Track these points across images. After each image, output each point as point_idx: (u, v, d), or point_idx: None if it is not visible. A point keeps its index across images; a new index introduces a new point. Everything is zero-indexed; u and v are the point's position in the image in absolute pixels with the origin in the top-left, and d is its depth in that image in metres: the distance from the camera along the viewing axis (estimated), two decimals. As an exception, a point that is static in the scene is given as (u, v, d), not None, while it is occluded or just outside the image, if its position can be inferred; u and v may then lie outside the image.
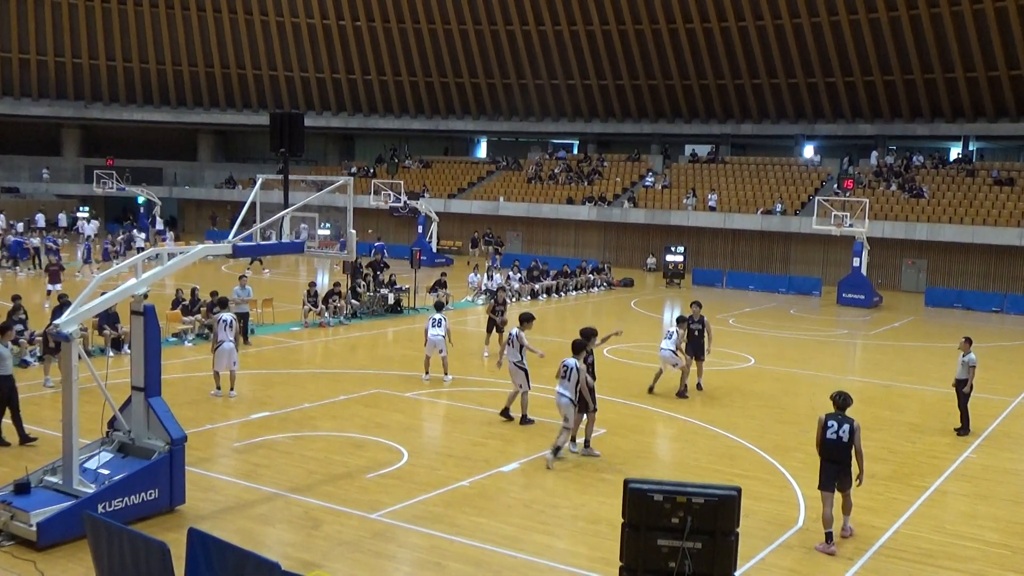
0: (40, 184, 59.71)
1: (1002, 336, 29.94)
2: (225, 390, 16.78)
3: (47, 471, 10.75)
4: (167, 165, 63.90)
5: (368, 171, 58.18)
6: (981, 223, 40.22)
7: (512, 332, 16.21)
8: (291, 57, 59.15)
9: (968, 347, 16.24)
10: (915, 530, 11.42)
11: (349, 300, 27.04)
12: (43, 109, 59.62)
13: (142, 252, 12.23)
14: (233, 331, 16.88)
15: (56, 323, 10.58)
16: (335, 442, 14.22)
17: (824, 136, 51.36)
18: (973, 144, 49.00)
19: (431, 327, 18.59)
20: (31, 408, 14.78)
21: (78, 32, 57.91)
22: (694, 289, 39.67)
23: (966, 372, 16.14)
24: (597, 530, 10.94)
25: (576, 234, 50.09)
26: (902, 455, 14.77)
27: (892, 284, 41.70)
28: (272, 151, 14.01)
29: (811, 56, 47.55)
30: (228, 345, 16.61)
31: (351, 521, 10.96)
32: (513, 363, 15.63)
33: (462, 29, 54.83)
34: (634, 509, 7.29)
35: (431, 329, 18.57)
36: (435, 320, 18.68)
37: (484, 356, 21.56)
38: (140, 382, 11.05)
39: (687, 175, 50.99)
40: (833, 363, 23.33)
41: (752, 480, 12.96)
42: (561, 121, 57.11)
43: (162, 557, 7.41)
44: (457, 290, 32.55)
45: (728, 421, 16.37)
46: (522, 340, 15.82)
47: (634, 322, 29.54)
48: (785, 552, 10.55)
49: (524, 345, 15.79)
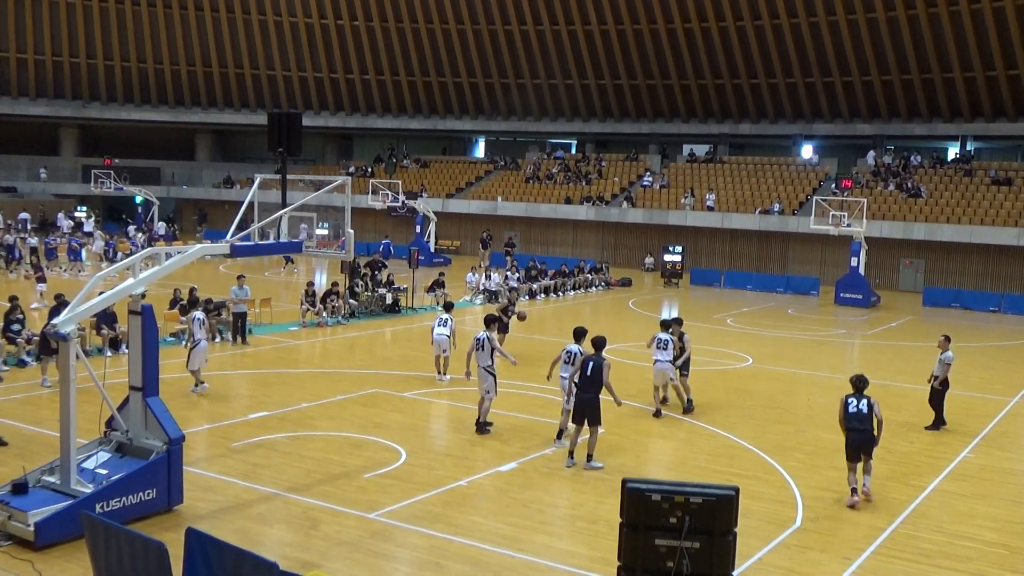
0: (38, 184, 59.64)
1: (1000, 336, 29.97)
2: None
3: (45, 471, 10.73)
4: (165, 165, 63.81)
5: (366, 171, 58.16)
6: (979, 223, 40.25)
7: (480, 335, 15.24)
8: (289, 57, 59.12)
9: (947, 345, 16.58)
10: (913, 530, 11.43)
11: (347, 300, 27.03)
12: (41, 109, 59.55)
13: (140, 252, 12.21)
14: (206, 328, 17.58)
15: (54, 323, 10.57)
16: (333, 442, 14.21)
17: (822, 136, 51.42)
18: (971, 144, 49.04)
19: (437, 326, 18.68)
20: (30, 408, 14.78)
21: (76, 31, 57.85)
22: (692, 289, 39.70)
23: (943, 369, 16.47)
24: (595, 530, 10.95)
25: (574, 234, 50.09)
26: (900, 455, 14.78)
27: (890, 284, 41.74)
28: (270, 151, 14.02)
29: (809, 56, 47.58)
30: (204, 344, 17.25)
31: (349, 521, 10.95)
32: (483, 367, 14.89)
33: (460, 29, 54.82)
34: (632, 509, 7.28)
35: (436, 328, 18.64)
36: (441, 320, 18.78)
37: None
38: (138, 382, 11.04)
39: (685, 175, 51.01)
40: (831, 363, 23.34)
41: (750, 480, 12.97)
42: (559, 121, 57.12)
43: (160, 557, 7.41)
44: (455, 290, 32.56)
45: (726, 421, 16.37)
46: (493, 343, 15.08)
47: (633, 322, 29.56)
48: (783, 552, 10.55)
49: (496, 348, 15.10)
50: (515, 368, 19.94)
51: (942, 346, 16.63)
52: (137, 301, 10.91)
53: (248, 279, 23.15)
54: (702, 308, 33.34)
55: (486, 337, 15.09)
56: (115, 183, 51.67)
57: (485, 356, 14.95)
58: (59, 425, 10.61)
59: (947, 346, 16.59)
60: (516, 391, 18.08)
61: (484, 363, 14.90)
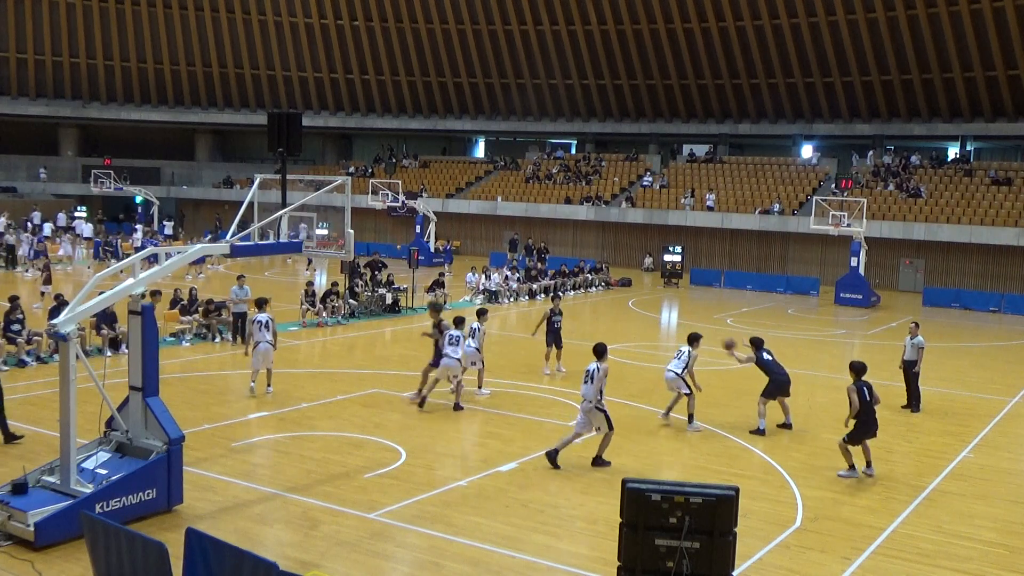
0: (37, 184, 59.62)
1: (999, 336, 29.97)
2: (261, 388, 16.99)
3: (45, 471, 10.73)
4: (165, 165, 63.80)
5: (366, 171, 58.16)
6: (979, 223, 40.26)
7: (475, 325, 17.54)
8: (289, 57, 59.12)
9: (916, 331, 17.88)
10: (913, 530, 11.43)
11: (347, 300, 27.03)
12: (40, 108, 59.54)
13: (139, 252, 12.21)
14: (271, 332, 16.99)
15: (53, 323, 10.57)
16: (333, 442, 14.21)
17: (822, 136, 51.43)
18: (970, 144, 49.08)
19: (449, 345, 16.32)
20: (29, 408, 14.77)
21: (76, 31, 57.85)
22: (692, 289, 39.71)
23: (915, 354, 17.64)
24: (595, 530, 10.94)
25: (574, 234, 50.09)
26: (900, 454, 14.78)
27: (890, 284, 41.75)
28: (270, 151, 14.02)
29: (809, 56, 47.60)
30: (264, 346, 16.78)
31: (349, 521, 10.95)
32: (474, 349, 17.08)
33: (460, 29, 54.83)
34: (632, 509, 7.29)
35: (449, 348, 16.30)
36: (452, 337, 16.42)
37: (545, 374, 19.88)
38: (138, 382, 11.04)
39: (685, 175, 51.02)
40: (831, 363, 23.32)
41: (750, 480, 12.97)
42: (559, 121, 57.12)
43: (160, 557, 7.41)
44: (455, 290, 32.57)
45: (725, 421, 16.37)
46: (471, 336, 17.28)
47: (632, 322, 29.57)
48: (783, 552, 10.55)
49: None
50: (515, 368, 19.97)
51: (912, 332, 17.83)
52: (137, 301, 10.91)
53: (248, 279, 23.15)
54: (702, 308, 33.34)
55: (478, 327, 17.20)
56: (115, 183, 51.67)
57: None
58: (59, 425, 10.60)
59: (917, 331, 17.84)
60: (516, 391, 18.09)
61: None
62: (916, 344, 17.66)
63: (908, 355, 17.69)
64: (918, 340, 17.69)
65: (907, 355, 17.71)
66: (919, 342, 17.67)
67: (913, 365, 17.64)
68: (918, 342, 17.67)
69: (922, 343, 17.71)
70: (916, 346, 17.65)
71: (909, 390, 17.80)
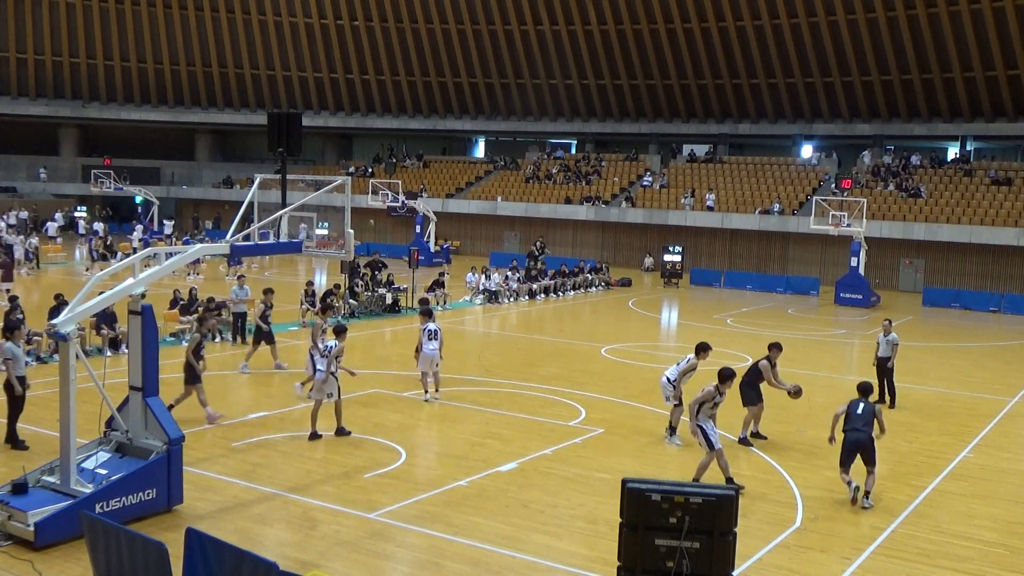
0: (37, 184, 59.64)
1: (999, 336, 29.96)
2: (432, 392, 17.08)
3: (44, 471, 10.72)
4: (165, 165, 63.84)
5: (366, 171, 58.17)
6: (978, 223, 40.26)
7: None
8: (289, 57, 59.13)
9: (890, 328, 18.45)
10: (913, 530, 11.43)
11: (347, 300, 27.02)
12: (40, 108, 59.56)
13: (139, 252, 12.20)
14: (438, 340, 16.87)
15: (53, 323, 10.57)
16: (333, 442, 14.21)
17: (822, 136, 51.43)
18: (970, 144, 49.08)
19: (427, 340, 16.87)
20: (30, 408, 14.74)
21: (76, 31, 57.86)
22: (692, 289, 39.70)
23: (890, 350, 18.14)
24: (595, 530, 10.94)
25: (574, 234, 50.09)
26: (899, 454, 14.78)
27: (890, 284, 41.74)
28: (270, 151, 14.02)
29: (809, 56, 47.60)
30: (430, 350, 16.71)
31: (349, 521, 10.95)
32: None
33: (460, 29, 54.83)
34: (632, 509, 7.28)
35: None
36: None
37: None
38: (138, 382, 11.03)
39: (685, 175, 51.01)
40: (831, 363, 23.33)
41: (750, 480, 12.96)
42: (559, 121, 57.12)
43: (160, 557, 7.41)
44: (455, 290, 32.56)
45: (725, 421, 16.33)
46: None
47: (632, 322, 29.56)
48: (783, 552, 10.55)
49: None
50: (515, 368, 19.93)
51: (886, 329, 18.40)
52: (137, 301, 10.91)
53: (248, 279, 23.14)
54: (702, 308, 33.34)
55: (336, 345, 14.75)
56: (115, 183, 51.70)
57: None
58: (59, 425, 10.60)
59: (890, 328, 18.45)
60: (517, 391, 18.09)
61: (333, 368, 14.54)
62: (891, 341, 18.18)
63: (882, 352, 18.22)
64: (892, 337, 18.22)
65: (881, 352, 18.24)
66: (893, 339, 18.21)
67: (887, 361, 18.14)
68: (892, 339, 18.20)
69: (896, 340, 18.30)
70: (891, 343, 18.18)
71: (884, 386, 18.18)
